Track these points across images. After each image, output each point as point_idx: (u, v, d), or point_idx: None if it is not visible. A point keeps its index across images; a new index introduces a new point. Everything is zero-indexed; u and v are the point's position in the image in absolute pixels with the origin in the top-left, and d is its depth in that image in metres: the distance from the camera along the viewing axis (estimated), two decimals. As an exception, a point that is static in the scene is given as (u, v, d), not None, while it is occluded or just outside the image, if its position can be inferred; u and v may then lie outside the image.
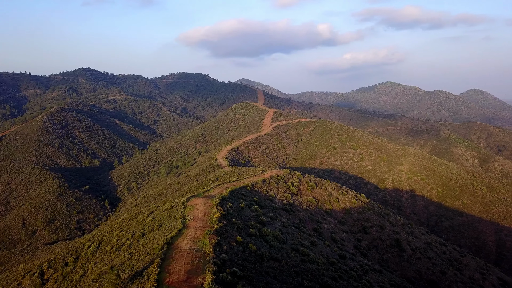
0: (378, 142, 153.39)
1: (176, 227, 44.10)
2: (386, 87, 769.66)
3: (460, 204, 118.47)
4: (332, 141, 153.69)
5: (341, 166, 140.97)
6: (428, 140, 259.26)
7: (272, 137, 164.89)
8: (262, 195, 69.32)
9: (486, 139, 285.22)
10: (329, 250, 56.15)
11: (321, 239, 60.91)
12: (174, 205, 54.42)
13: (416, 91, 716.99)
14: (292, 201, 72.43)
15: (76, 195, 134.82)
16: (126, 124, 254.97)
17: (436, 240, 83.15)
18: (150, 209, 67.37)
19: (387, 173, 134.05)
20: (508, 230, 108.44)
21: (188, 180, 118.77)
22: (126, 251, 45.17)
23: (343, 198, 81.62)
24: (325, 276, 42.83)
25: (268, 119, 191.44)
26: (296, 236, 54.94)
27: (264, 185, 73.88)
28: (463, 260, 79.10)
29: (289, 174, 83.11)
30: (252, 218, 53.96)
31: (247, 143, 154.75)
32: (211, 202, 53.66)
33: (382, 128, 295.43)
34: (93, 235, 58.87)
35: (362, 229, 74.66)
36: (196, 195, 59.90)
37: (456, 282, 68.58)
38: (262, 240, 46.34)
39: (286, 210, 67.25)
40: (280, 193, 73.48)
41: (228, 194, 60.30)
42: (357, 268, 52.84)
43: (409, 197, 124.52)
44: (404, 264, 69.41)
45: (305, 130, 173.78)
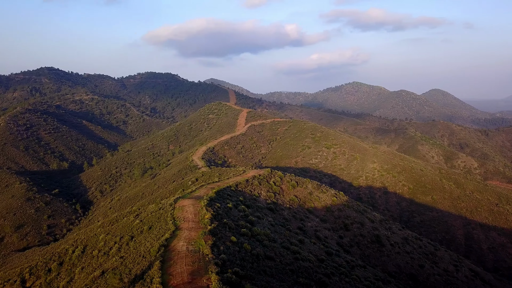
0: (351, 141, 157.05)
1: (169, 229, 43.57)
2: (353, 87, 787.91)
3: (430, 200, 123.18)
4: (306, 140, 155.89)
5: (315, 165, 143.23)
6: (396, 139, 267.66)
7: (247, 137, 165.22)
8: (246, 195, 69.52)
9: (449, 137, 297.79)
10: (316, 248, 57.13)
11: (307, 237, 61.82)
12: (161, 207, 53.67)
13: (382, 91, 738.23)
14: (276, 200, 73.10)
15: (45, 199, 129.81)
16: (94, 125, 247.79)
17: (411, 235, 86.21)
18: (134, 211, 66.12)
19: (361, 171, 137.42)
20: (475, 224, 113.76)
21: (165, 181, 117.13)
22: (116, 254, 44.20)
23: (323, 196, 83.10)
24: (318, 273, 43.63)
25: (242, 119, 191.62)
26: (284, 234, 55.53)
27: (247, 185, 74.12)
28: (438, 253, 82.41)
29: (271, 174, 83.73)
30: (241, 218, 54.09)
31: (223, 143, 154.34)
32: (200, 203, 53.36)
33: (351, 127, 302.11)
34: (76, 239, 57.08)
35: (343, 226, 76.32)
36: (183, 196, 59.33)
37: (433, 275, 71.36)
38: (254, 239, 46.58)
39: (271, 209, 67.81)
40: (264, 193, 73.96)
41: (215, 195, 60.12)
42: (345, 264, 54.11)
43: (382, 194, 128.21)
44: (384, 259, 71.52)
45: (279, 129, 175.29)
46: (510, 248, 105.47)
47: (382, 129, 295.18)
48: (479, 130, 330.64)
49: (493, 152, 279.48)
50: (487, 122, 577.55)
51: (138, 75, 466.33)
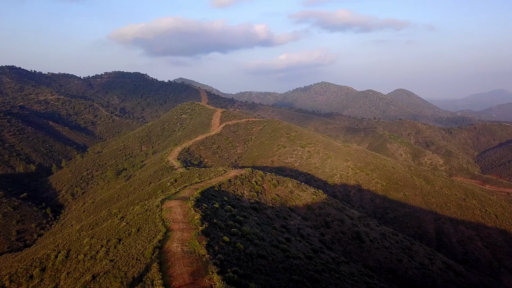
0: (325, 140, 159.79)
1: (159, 230, 43.05)
2: (321, 87, 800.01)
3: (402, 196, 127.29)
4: (281, 139, 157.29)
5: (291, 163, 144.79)
6: (365, 137, 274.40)
7: (222, 137, 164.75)
8: (230, 195, 69.55)
9: (416, 135, 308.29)
10: (302, 245, 58.01)
11: (292, 235, 62.60)
12: (148, 209, 52.89)
13: (349, 91, 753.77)
14: (259, 199, 73.52)
15: (13, 203, 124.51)
16: (61, 126, 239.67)
17: (388, 231, 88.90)
18: (115, 214, 64.84)
19: (335, 169, 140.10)
20: (445, 218, 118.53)
21: (141, 183, 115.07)
22: (105, 258, 43.31)
23: (303, 195, 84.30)
24: (309, 270, 44.41)
25: (216, 119, 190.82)
26: (271, 233, 56.06)
27: (230, 185, 74.14)
28: (413, 247, 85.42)
29: (252, 173, 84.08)
30: (228, 218, 54.14)
31: (198, 144, 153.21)
32: (187, 204, 52.99)
33: (322, 127, 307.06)
34: (57, 244, 55.27)
35: (324, 223, 77.77)
36: (168, 197, 58.64)
37: (411, 268, 73.96)
38: (244, 239, 46.80)
39: (255, 209, 68.15)
40: (246, 192, 74.22)
41: (200, 195, 59.84)
42: (331, 261, 55.26)
43: (357, 192, 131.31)
44: (365, 254, 73.45)
45: (254, 129, 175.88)
46: (478, 240, 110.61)
47: (352, 128, 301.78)
48: (443, 129, 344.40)
49: (457, 149, 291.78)
50: (449, 120, 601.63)
51: (106, 74, 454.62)
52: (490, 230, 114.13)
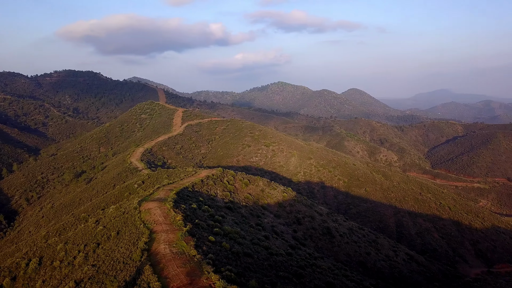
0: (288, 138, 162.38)
1: (143, 232, 42.23)
2: (278, 87, 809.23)
3: (364, 192, 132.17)
4: (246, 139, 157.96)
5: (256, 162, 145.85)
6: (324, 136, 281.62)
7: (185, 137, 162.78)
8: (204, 195, 69.22)
9: (370, 133, 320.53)
10: (280, 243, 59.01)
11: (268, 233, 63.43)
12: (125, 211, 51.58)
13: (305, 91, 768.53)
14: (232, 199, 73.71)
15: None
16: (9, 127, 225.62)
17: (355, 225, 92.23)
18: (84, 218, 62.59)
19: (299, 167, 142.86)
20: (403, 212, 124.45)
21: (104, 185, 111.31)
22: (85, 264, 41.86)
23: (274, 193, 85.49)
24: (293, 266, 45.40)
25: (178, 118, 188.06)
26: (249, 232, 56.56)
27: (203, 185, 73.75)
28: (379, 240, 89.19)
29: (223, 173, 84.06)
30: (207, 218, 54.01)
31: (161, 144, 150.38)
32: (165, 205, 52.26)
33: (281, 126, 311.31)
34: (27, 251, 52.43)
35: (296, 220, 79.36)
36: (143, 199, 57.43)
37: (378, 261, 77.28)
38: (227, 238, 46.97)
39: (229, 208, 68.27)
40: (220, 192, 74.18)
41: (176, 196, 59.13)
42: (308, 257, 56.66)
43: (320, 188, 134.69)
44: (336, 249, 75.80)
45: (217, 129, 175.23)
46: (434, 232, 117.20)
47: (310, 127, 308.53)
48: (395, 126, 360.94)
49: (409, 146, 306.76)
50: (399, 119, 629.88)
51: (55, 73, 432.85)
52: (445, 221, 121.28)
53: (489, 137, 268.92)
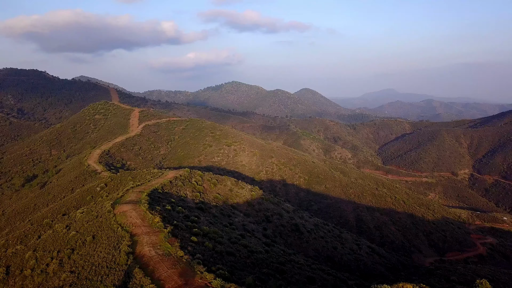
0: (249, 138, 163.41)
1: (122, 236, 41.23)
2: (232, 87, 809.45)
3: (324, 189, 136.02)
4: (207, 139, 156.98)
5: (218, 162, 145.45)
6: (280, 135, 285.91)
7: (143, 138, 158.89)
8: (174, 196, 68.34)
9: (325, 132, 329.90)
10: (255, 241, 59.71)
11: (243, 232, 63.91)
12: (98, 215, 49.91)
13: (259, 90, 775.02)
14: (202, 199, 73.39)
15: None
16: None
17: (320, 221, 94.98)
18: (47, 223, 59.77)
19: (261, 166, 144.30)
20: (362, 207, 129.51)
21: (61, 189, 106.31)
22: (61, 271, 40.24)
23: (242, 192, 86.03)
24: (274, 263, 46.26)
25: (134, 119, 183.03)
26: (225, 231, 56.74)
27: (172, 186, 72.76)
28: (343, 235, 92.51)
29: (190, 174, 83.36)
30: (183, 219, 53.58)
31: (119, 146, 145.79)
32: (140, 208, 51.22)
33: (239, 125, 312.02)
34: (-11, 261, 49.31)
35: (265, 218, 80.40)
36: (115, 202, 55.79)
37: (345, 254, 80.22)
38: (207, 238, 46.94)
39: (201, 209, 67.94)
40: (189, 193, 73.56)
41: (149, 198, 58.03)
42: (283, 253, 57.82)
43: (282, 186, 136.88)
44: (304, 245, 77.71)
45: (176, 129, 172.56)
46: (391, 225, 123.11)
47: (267, 126, 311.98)
48: (348, 125, 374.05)
49: (361, 143, 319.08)
50: (350, 117, 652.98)
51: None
52: (400, 214, 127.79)
53: (434, 134, 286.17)
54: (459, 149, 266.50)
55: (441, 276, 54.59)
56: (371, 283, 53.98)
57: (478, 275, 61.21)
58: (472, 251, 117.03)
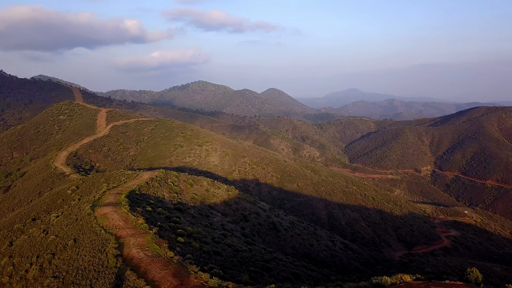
0: (221, 137, 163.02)
1: (107, 238, 40.40)
2: (199, 86, 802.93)
3: (296, 187, 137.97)
4: (177, 139, 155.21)
5: (190, 163, 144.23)
6: (250, 134, 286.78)
7: (112, 139, 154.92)
8: (152, 197, 67.41)
9: (293, 131, 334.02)
10: (236, 240, 59.96)
11: (224, 231, 63.96)
12: (77, 218, 48.56)
13: (226, 90, 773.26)
14: (180, 200, 72.76)
15: None
16: None
17: (295, 219, 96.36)
18: (18, 228, 57.56)
19: (233, 166, 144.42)
20: (333, 204, 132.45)
21: (27, 193, 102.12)
22: (43, 276, 38.98)
23: (219, 192, 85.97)
24: (259, 261, 46.79)
25: (102, 119, 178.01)
26: (207, 231, 56.66)
27: (149, 188, 71.68)
28: (318, 232, 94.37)
29: (166, 174, 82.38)
30: (165, 220, 53.06)
31: (86, 147, 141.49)
32: (121, 209, 50.29)
33: (208, 125, 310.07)
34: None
35: (242, 217, 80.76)
36: (93, 204, 54.38)
37: (321, 251, 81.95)
38: (191, 238, 46.78)
39: (179, 210, 67.34)
40: (166, 194, 72.76)
41: (128, 200, 57.00)
42: (264, 251, 58.44)
43: (255, 185, 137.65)
44: (282, 243, 78.73)
45: (145, 129, 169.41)
46: (361, 221, 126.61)
47: (236, 126, 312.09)
48: (315, 124, 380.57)
49: (328, 142, 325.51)
50: (316, 117, 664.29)
51: None
52: (370, 211, 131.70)
53: (398, 133, 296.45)
54: (421, 146, 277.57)
55: (416, 268, 57.05)
56: (350, 278, 55.75)
57: (449, 266, 64.50)
58: (437, 244, 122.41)
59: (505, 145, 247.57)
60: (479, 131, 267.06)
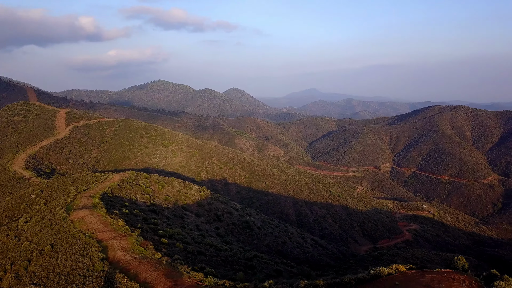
0: (187, 138, 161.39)
1: (88, 242, 39.35)
2: (159, 85, 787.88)
3: (264, 186, 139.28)
4: (142, 140, 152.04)
5: (156, 164, 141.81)
6: (214, 134, 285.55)
7: (73, 140, 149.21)
8: (125, 199, 65.99)
9: (257, 131, 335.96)
10: (215, 240, 60.02)
11: (203, 232, 63.77)
12: (52, 222, 46.82)
13: (187, 90, 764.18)
14: (153, 201, 71.69)
15: None
16: None
17: (266, 218, 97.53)
18: None
19: (201, 166, 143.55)
20: (301, 202, 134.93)
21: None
22: (20, 284, 37.46)
23: (191, 193, 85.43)
24: (241, 259, 47.27)
25: (61, 120, 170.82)
26: (186, 232, 56.36)
27: (121, 190, 70.06)
28: (289, 229, 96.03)
29: (137, 176, 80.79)
30: (143, 221, 52.27)
31: (46, 149, 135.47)
32: (98, 212, 49.03)
33: (170, 125, 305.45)
34: None
35: (216, 217, 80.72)
36: (67, 208, 52.54)
37: (294, 248, 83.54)
38: (173, 239, 46.47)
39: (154, 211, 66.38)
40: (139, 196, 71.44)
41: (103, 203, 55.57)
42: (244, 250, 58.91)
43: (224, 185, 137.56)
44: (256, 241, 79.46)
45: (107, 130, 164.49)
46: (328, 217, 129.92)
47: (200, 126, 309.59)
48: (278, 124, 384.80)
49: (291, 141, 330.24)
50: (278, 116, 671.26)
51: None
52: (336, 207, 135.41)
53: (358, 131, 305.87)
54: (380, 144, 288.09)
55: (388, 260, 59.64)
56: (327, 273, 57.41)
57: (417, 258, 67.88)
58: (400, 238, 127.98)
59: (457, 142, 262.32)
60: (433, 129, 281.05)
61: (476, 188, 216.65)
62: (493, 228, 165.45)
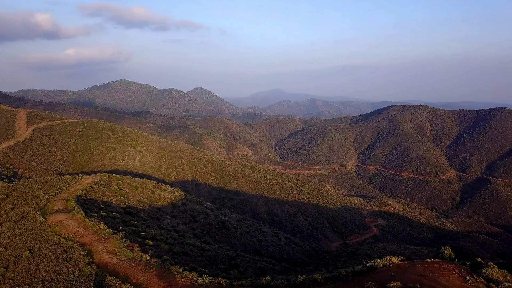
0: (155, 139, 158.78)
1: (70, 246, 38.30)
2: (121, 85, 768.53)
3: (236, 186, 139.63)
4: (109, 141, 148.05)
5: (124, 165, 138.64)
6: (181, 135, 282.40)
7: (35, 142, 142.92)
8: (99, 202, 64.40)
9: (224, 131, 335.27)
10: (195, 240, 59.81)
11: (183, 233, 63.30)
12: (28, 227, 45.07)
13: (151, 89, 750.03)
14: (128, 203, 70.35)
15: None
16: None
17: (241, 217, 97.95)
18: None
19: (171, 167, 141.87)
20: (272, 200, 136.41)
21: None
22: (-1, 293, 35.92)
23: (165, 194, 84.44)
24: (225, 258, 47.53)
25: (21, 121, 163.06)
26: (166, 233, 55.83)
27: (95, 192, 68.25)
28: (263, 228, 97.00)
29: (109, 178, 78.89)
30: (122, 223, 51.34)
31: (7, 152, 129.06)
32: (77, 216, 47.69)
33: (135, 126, 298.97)
34: None
35: (192, 218, 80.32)
36: (42, 213, 50.67)
37: (269, 246, 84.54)
38: (156, 240, 46.01)
39: (129, 213, 65.20)
40: (114, 198, 69.87)
41: (78, 206, 54.04)
42: (223, 250, 59.08)
43: (195, 186, 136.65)
44: (232, 241, 79.73)
45: (72, 131, 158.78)
46: (299, 215, 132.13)
47: (166, 126, 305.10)
48: (246, 123, 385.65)
49: (259, 141, 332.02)
50: (244, 116, 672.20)
51: None
52: (307, 205, 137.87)
53: (323, 130, 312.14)
54: (345, 143, 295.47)
55: (364, 255, 61.68)
56: (306, 270, 58.65)
57: (389, 251, 70.51)
58: (368, 233, 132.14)
59: (418, 140, 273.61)
60: (395, 128, 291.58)
61: (437, 183, 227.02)
62: (453, 221, 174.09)
